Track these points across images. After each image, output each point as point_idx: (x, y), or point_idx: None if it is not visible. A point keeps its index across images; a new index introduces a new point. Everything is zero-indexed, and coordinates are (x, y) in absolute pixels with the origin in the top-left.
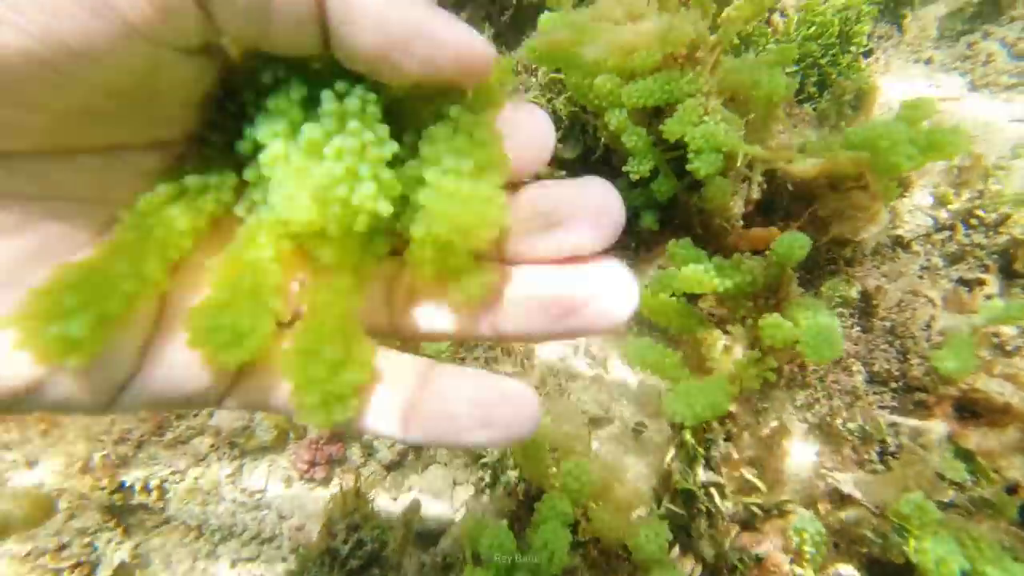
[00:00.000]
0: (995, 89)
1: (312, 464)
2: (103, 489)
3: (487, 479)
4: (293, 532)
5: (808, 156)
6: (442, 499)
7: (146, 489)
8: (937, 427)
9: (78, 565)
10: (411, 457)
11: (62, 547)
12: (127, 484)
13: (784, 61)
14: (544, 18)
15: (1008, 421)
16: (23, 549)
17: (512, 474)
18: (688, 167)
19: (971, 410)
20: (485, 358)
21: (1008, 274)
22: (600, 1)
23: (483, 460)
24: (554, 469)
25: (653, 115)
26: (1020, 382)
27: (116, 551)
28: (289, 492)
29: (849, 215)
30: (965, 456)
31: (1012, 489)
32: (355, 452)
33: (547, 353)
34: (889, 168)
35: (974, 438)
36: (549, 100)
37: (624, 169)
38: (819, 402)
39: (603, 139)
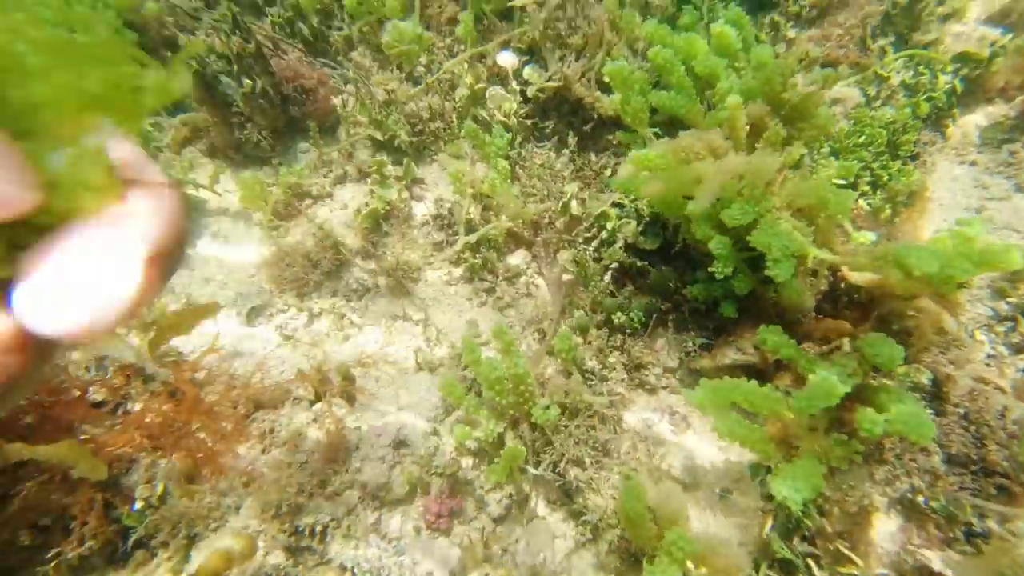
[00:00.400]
0: None
1: (438, 516)
2: (285, 532)
3: (588, 535)
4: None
5: (866, 269)
6: (544, 551)
7: (312, 533)
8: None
9: None
10: (515, 511)
11: None
12: (300, 528)
13: (846, 176)
14: (635, 154)
15: None
16: None
17: (615, 532)
18: (767, 273)
19: None
20: (586, 426)
21: None
22: (681, 137)
23: (584, 518)
24: (656, 531)
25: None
26: None
27: None
28: (419, 540)
29: (910, 317)
30: None
31: None
32: (470, 505)
33: (633, 419)
34: (944, 280)
35: None
36: (632, 200)
37: (710, 270)
38: (899, 479)
39: (683, 236)
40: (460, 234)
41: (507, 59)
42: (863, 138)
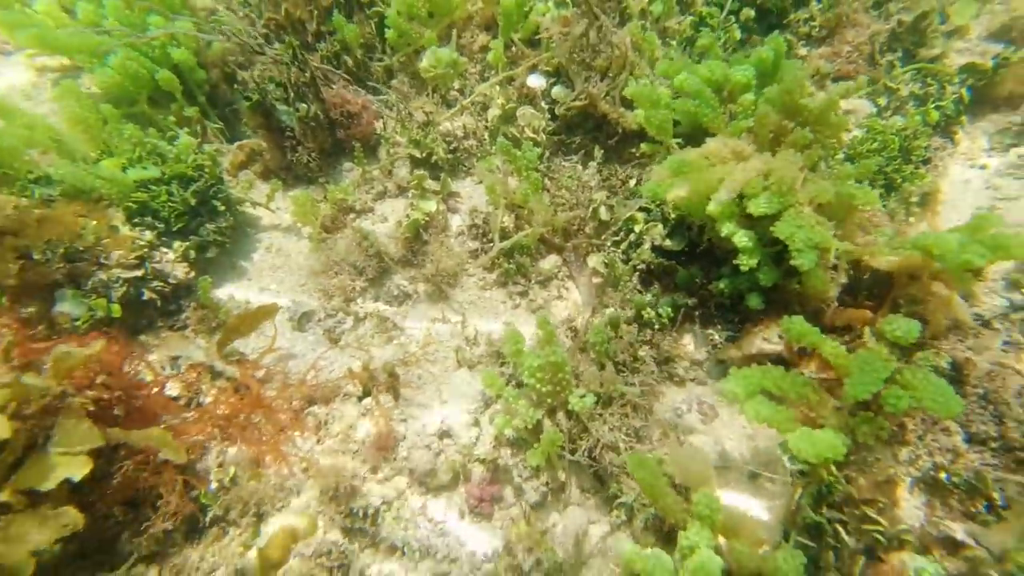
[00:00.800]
0: None
1: (480, 500)
2: (341, 513)
3: (623, 516)
4: (469, 555)
5: (888, 253)
6: (580, 535)
7: (365, 515)
8: None
9: (340, 567)
10: (551, 499)
11: (329, 552)
12: (355, 510)
13: (865, 174)
14: (670, 159)
15: None
16: (308, 551)
17: (650, 511)
18: (793, 263)
19: None
20: (620, 414)
21: None
22: (709, 142)
23: (620, 500)
24: (685, 504)
25: (755, 222)
26: None
27: (357, 560)
28: (463, 523)
29: (923, 300)
30: None
31: None
32: (508, 492)
33: (663, 410)
34: (962, 264)
35: None
36: (658, 205)
37: (735, 263)
38: (921, 458)
39: (708, 236)
40: (495, 241)
41: (536, 81)
42: (876, 144)
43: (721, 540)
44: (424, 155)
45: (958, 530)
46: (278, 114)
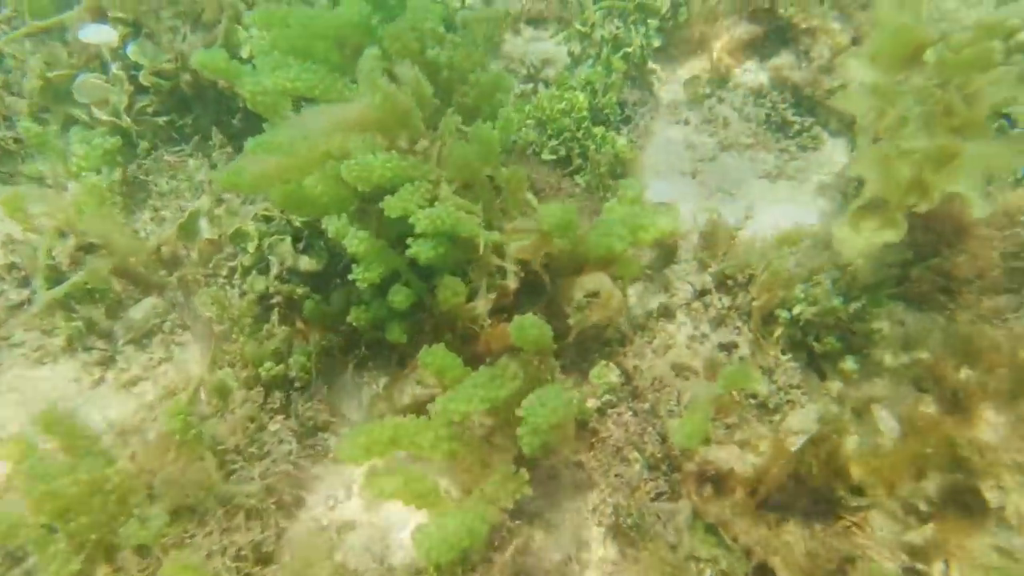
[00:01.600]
0: (739, 149)
1: None
2: None
3: None
4: None
5: (523, 237)
6: None
7: None
8: (684, 507)
9: None
10: None
11: None
12: None
13: (507, 130)
14: (252, 141)
15: (734, 485)
16: None
17: None
18: (408, 252)
19: (714, 481)
20: (221, 530)
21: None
22: (305, 112)
23: None
24: None
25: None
26: (753, 447)
27: None
28: None
29: (586, 301)
30: (713, 530)
31: (748, 552)
32: None
33: (313, 501)
34: (607, 251)
35: (713, 511)
36: (283, 211)
37: (350, 277)
38: (605, 502)
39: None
40: (39, 289)
41: (98, 34)
42: (564, 104)
43: None
44: None
45: None
46: None
